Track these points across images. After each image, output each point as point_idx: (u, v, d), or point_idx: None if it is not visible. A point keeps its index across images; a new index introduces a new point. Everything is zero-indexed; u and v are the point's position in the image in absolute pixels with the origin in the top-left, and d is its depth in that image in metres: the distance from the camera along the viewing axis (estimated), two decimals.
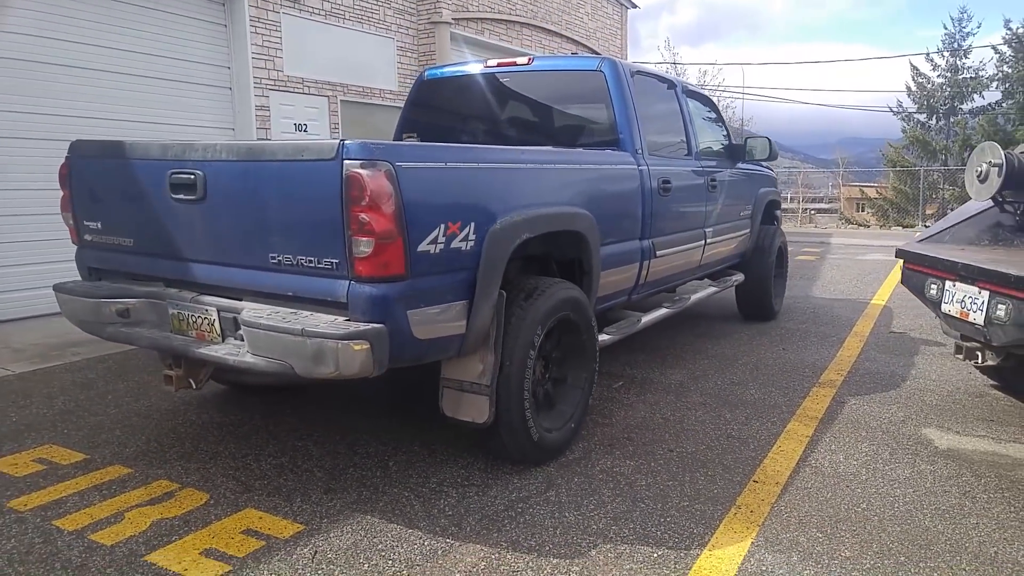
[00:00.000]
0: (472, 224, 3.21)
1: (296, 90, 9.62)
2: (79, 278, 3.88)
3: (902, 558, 2.94)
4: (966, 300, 3.76)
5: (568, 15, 15.25)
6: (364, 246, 2.83)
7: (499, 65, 5.27)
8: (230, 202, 3.17)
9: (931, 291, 4.09)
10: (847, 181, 33.71)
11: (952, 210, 24.75)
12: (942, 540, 3.09)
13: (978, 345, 3.82)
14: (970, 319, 3.73)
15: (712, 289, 6.29)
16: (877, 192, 32.24)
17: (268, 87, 9.23)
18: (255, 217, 3.11)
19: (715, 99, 12.80)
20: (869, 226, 25.97)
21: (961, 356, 3.91)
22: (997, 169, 4.33)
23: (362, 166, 2.79)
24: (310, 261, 2.97)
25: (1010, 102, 27.53)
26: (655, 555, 2.93)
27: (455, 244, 3.12)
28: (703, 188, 5.70)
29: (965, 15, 28.95)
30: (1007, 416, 4.68)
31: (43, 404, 4.63)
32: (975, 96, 28.27)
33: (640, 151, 4.77)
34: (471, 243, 3.20)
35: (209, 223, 3.25)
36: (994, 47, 28.40)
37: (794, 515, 3.28)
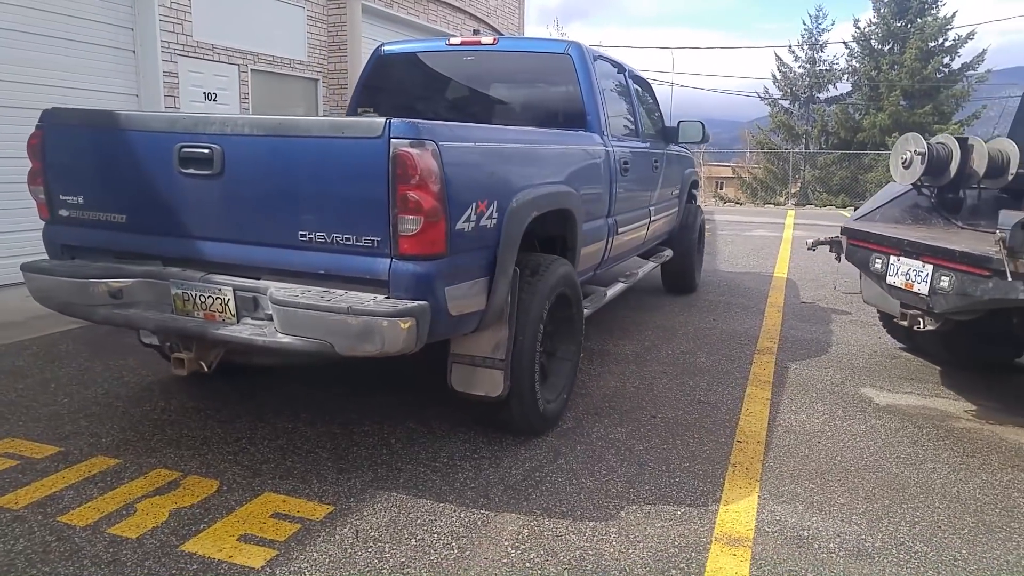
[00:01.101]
0: (496, 202, 3.25)
1: (206, 57, 9.07)
2: (46, 256, 3.58)
3: (886, 501, 3.30)
4: (911, 273, 4.20)
5: None
6: (411, 224, 2.82)
7: (463, 43, 5.26)
8: (253, 178, 3.04)
9: (875, 265, 4.53)
10: (705, 161, 35.62)
11: (812, 191, 26.59)
12: (912, 484, 3.49)
13: (919, 312, 4.28)
14: (915, 289, 4.17)
15: (652, 264, 6.60)
16: (733, 172, 34.26)
17: (176, 52, 8.64)
18: (283, 194, 3.01)
19: None
20: (743, 204, 27.66)
21: (905, 323, 4.37)
22: (920, 157, 4.82)
23: (411, 145, 2.78)
24: (347, 239, 2.92)
25: (858, 94, 30.03)
26: (679, 512, 3.14)
27: (483, 222, 3.16)
28: (650, 168, 5.96)
29: (821, 12, 31.23)
30: (922, 374, 5.27)
31: None
32: (830, 87, 30.63)
33: (605, 132, 4.93)
34: (493, 221, 3.25)
35: (225, 199, 3.10)
36: (845, 43, 30.86)
37: (784, 470, 3.59)
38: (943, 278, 3.94)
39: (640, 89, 6.31)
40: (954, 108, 29.38)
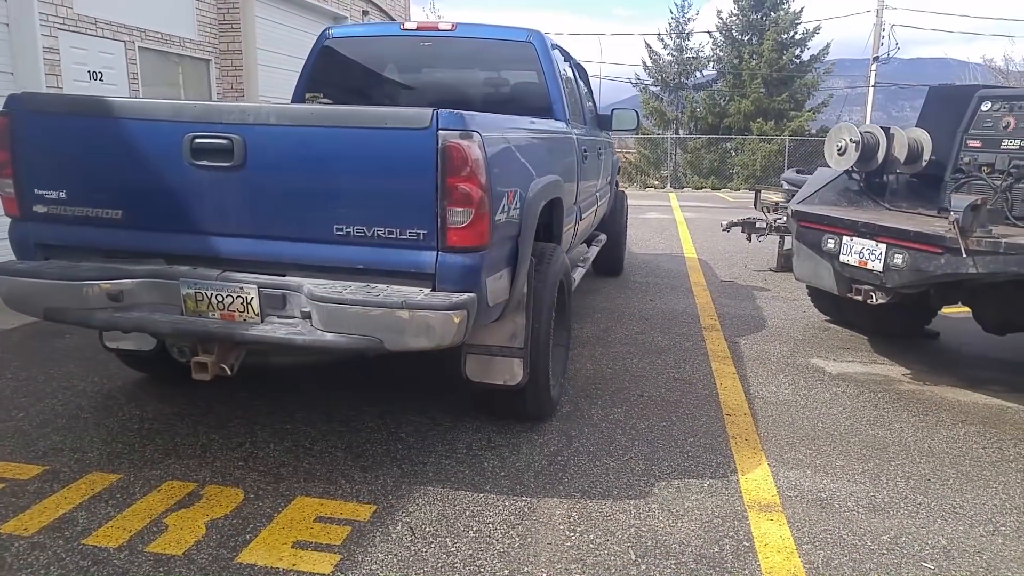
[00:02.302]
0: (519, 192, 3.27)
1: (89, 32, 8.32)
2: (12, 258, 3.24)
3: (876, 460, 3.62)
4: (864, 252, 4.58)
5: None
6: (460, 216, 2.78)
7: (419, 28, 5.16)
8: (281, 170, 2.88)
9: (828, 245, 4.89)
10: None
11: (684, 175, 27.81)
12: (890, 444, 3.84)
13: (871, 287, 4.67)
14: (868, 267, 4.55)
15: (595, 248, 6.78)
16: None
17: (57, 26, 7.87)
18: (316, 187, 2.87)
19: None
20: (624, 188, 28.60)
21: (860, 297, 4.76)
22: (855, 145, 5.24)
23: (461, 136, 2.74)
24: (389, 232, 2.84)
25: (723, 81, 31.78)
26: (705, 485, 3.30)
27: (511, 212, 3.17)
28: (597, 155, 6.10)
29: (686, 2, 32.74)
30: (854, 344, 5.76)
31: None
32: (697, 74, 32.21)
33: (569, 121, 5.02)
34: (517, 211, 3.26)
35: (246, 193, 2.92)
36: (709, 33, 32.52)
37: (779, 439, 3.84)
38: (896, 256, 4.33)
39: (579, 76, 6.44)
40: (806, 96, 31.72)
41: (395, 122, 2.79)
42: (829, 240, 4.86)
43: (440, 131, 2.73)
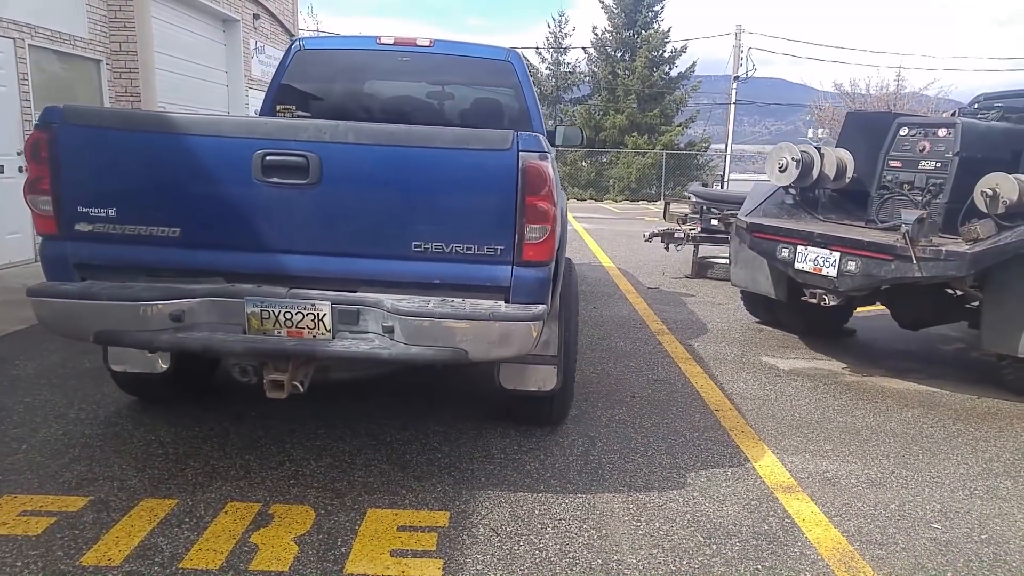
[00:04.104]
0: (559, 207, 3.48)
1: None
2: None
3: (857, 443, 4.10)
4: (818, 259, 5.13)
5: None
6: (537, 232, 2.97)
7: (396, 43, 5.24)
8: (358, 188, 2.94)
9: (783, 254, 5.42)
10: None
11: (564, 187, 28.69)
12: (862, 428, 4.35)
13: (824, 291, 5.23)
14: (823, 272, 5.11)
15: None
16: None
17: None
18: (395, 205, 2.96)
19: None
20: None
21: (814, 300, 5.31)
22: (796, 163, 5.84)
23: (539, 157, 2.93)
24: (467, 248, 2.97)
25: (598, 96, 33.20)
26: (728, 472, 3.65)
27: (558, 228, 3.38)
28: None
29: (564, 17, 33.95)
30: (791, 342, 6.37)
31: None
32: (574, 88, 33.42)
33: (544, 135, 5.28)
34: (559, 226, 3.47)
35: (320, 210, 2.95)
36: (584, 48, 33.88)
37: (769, 429, 4.27)
38: (850, 263, 4.90)
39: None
40: (675, 111, 33.72)
41: (477, 143, 2.93)
42: (783, 249, 5.39)
43: (521, 152, 2.91)
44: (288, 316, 2.98)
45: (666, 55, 32.86)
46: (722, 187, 22.79)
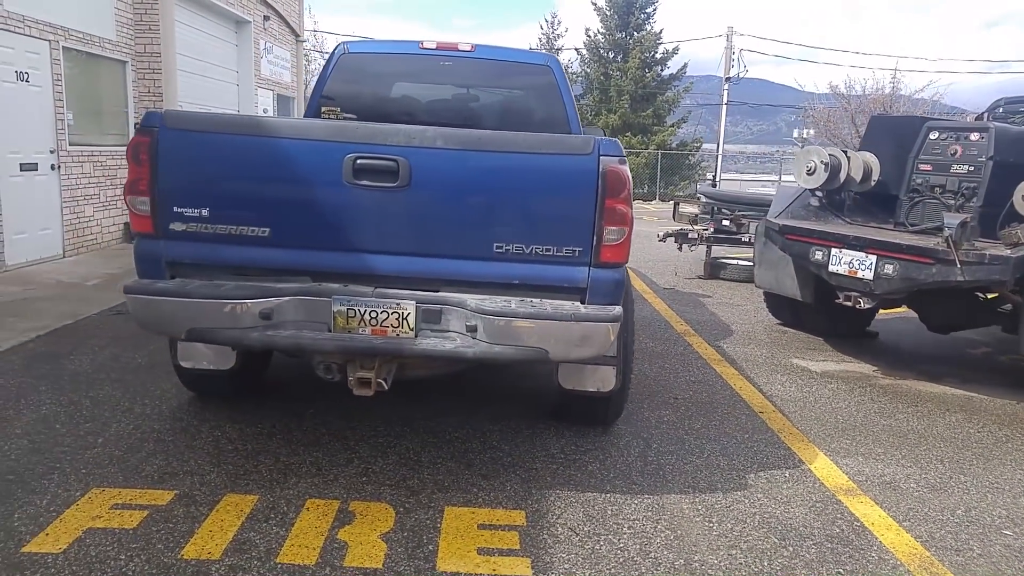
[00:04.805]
0: None
1: (18, 30, 7.67)
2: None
3: (907, 447, 4.18)
4: (854, 262, 5.22)
5: None
6: (615, 234, 3.03)
7: (438, 48, 5.28)
8: (445, 191, 2.99)
9: (816, 256, 5.50)
10: None
11: None
12: (907, 431, 4.43)
13: (858, 294, 5.32)
14: (858, 275, 5.20)
15: None
16: None
17: None
18: (479, 208, 3.01)
19: None
20: None
21: (849, 303, 5.39)
22: (824, 166, 5.92)
23: (619, 162, 2.99)
24: (547, 250, 3.03)
25: (590, 96, 33.31)
26: (786, 474, 3.72)
27: None
28: None
29: (556, 18, 34.06)
30: (816, 344, 6.46)
31: None
32: None
33: None
34: None
35: (408, 212, 3.00)
36: (577, 49, 34.00)
37: (817, 431, 4.34)
38: (887, 266, 4.99)
39: None
40: (667, 112, 33.91)
41: (560, 148, 2.99)
42: (817, 252, 5.48)
43: (601, 156, 2.97)
44: (373, 315, 3.03)
45: (658, 56, 33.04)
46: (713, 187, 22.93)
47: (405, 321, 3.03)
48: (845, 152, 6.09)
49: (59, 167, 8.43)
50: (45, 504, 2.97)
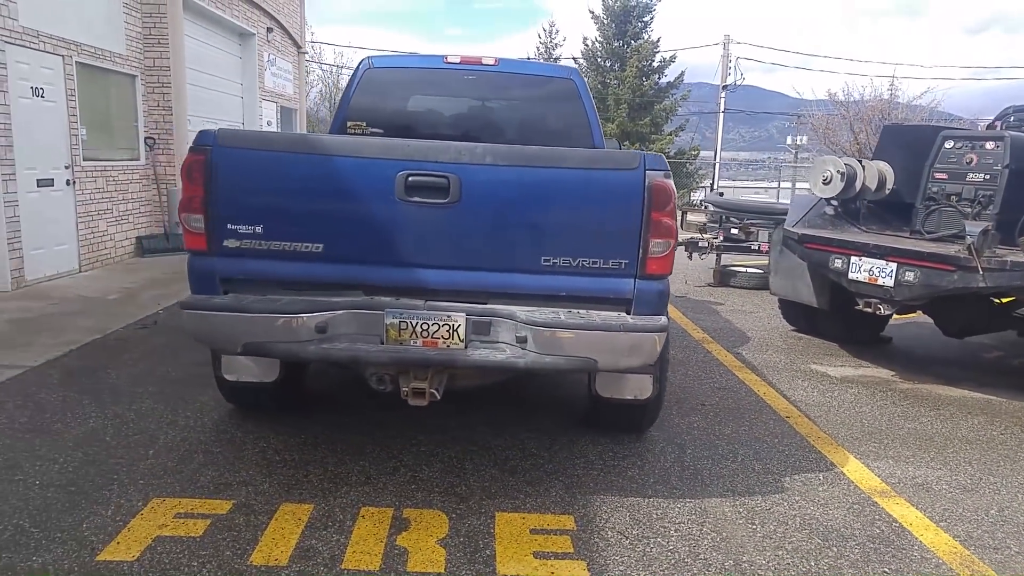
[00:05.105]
0: None
1: (32, 46, 7.75)
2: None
3: (934, 450, 4.26)
4: (874, 269, 5.33)
5: None
6: (660, 247, 3.12)
7: (462, 62, 5.37)
8: (494, 206, 3.08)
9: (836, 264, 5.61)
10: None
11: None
12: (933, 435, 4.52)
13: (878, 300, 5.43)
14: (879, 283, 5.30)
15: None
16: None
17: (4, 39, 7.31)
18: (528, 222, 3.10)
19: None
20: None
21: (870, 309, 5.50)
22: (840, 175, 6.04)
23: (665, 176, 3.08)
24: (594, 262, 3.12)
25: None
26: (820, 477, 3.81)
27: None
28: None
29: (554, 28, 34.32)
30: (832, 350, 6.56)
31: (50, 461, 3.54)
32: None
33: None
34: None
35: (458, 227, 3.09)
36: (575, 58, 34.21)
37: (844, 435, 4.43)
38: (908, 273, 5.10)
39: None
40: (665, 120, 34.10)
41: (607, 163, 3.09)
42: (836, 260, 5.58)
43: (647, 171, 3.06)
44: (425, 327, 3.11)
45: (655, 65, 33.27)
46: (720, 195, 23.04)
47: (455, 333, 3.12)
48: (860, 161, 6.20)
49: (74, 182, 8.49)
50: (110, 514, 3.04)
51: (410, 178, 3.03)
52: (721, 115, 35.21)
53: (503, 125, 5.63)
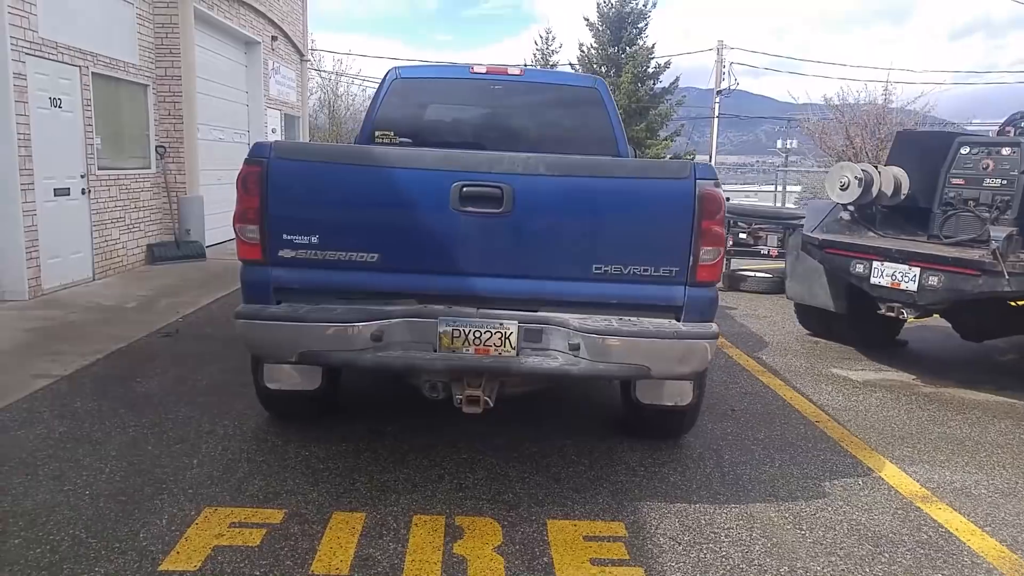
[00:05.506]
0: None
1: (51, 56, 7.76)
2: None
3: (967, 454, 4.30)
4: (896, 274, 5.38)
5: None
6: (710, 254, 3.16)
7: (488, 72, 5.41)
8: (547, 216, 3.11)
9: (857, 269, 5.66)
10: None
11: None
12: (964, 439, 4.56)
13: (901, 305, 5.48)
14: (901, 287, 5.36)
15: None
16: None
17: (25, 51, 7.30)
18: (579, 231, 3.13)
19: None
20: None
21: (892, 314, 5.55)
22: (858, 181, 6.09)
23: (715, 185, 3.12)
24: (645, 270, 3.15)
25: None
26: (859, 482, 3.84)
27: None
28: None
29: (550, 34, 34.48)
30: (850, 354, 6.61)
31: (85, 472, 3.54)
32: None
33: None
34: None
35: (511, 236, 3.12)
36: (571, 64, 34.35)
37: (876, 440, 4.47)
38: (931, 278, 5.15)
39: None
40: (660, 125, 34.24)
41: (658, 173, 3.13)
42: (858, 265, 5.63)
43: (698, 180, 3.10)
44: (477, 335, 3.14)
45: (650, 71, 33.43)
46: (727, 200, 23.11)
47: (507, 340, 3.14)
48: (876, 167, 6.26)
49: (89, 191, 8.49)
50: (165, 523, 3.05)
51: (464, 188, 3.06)
52: (716, 120, 35.42)
53: (530, 134, 5.66)
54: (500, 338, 3.14)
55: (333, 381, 4.22)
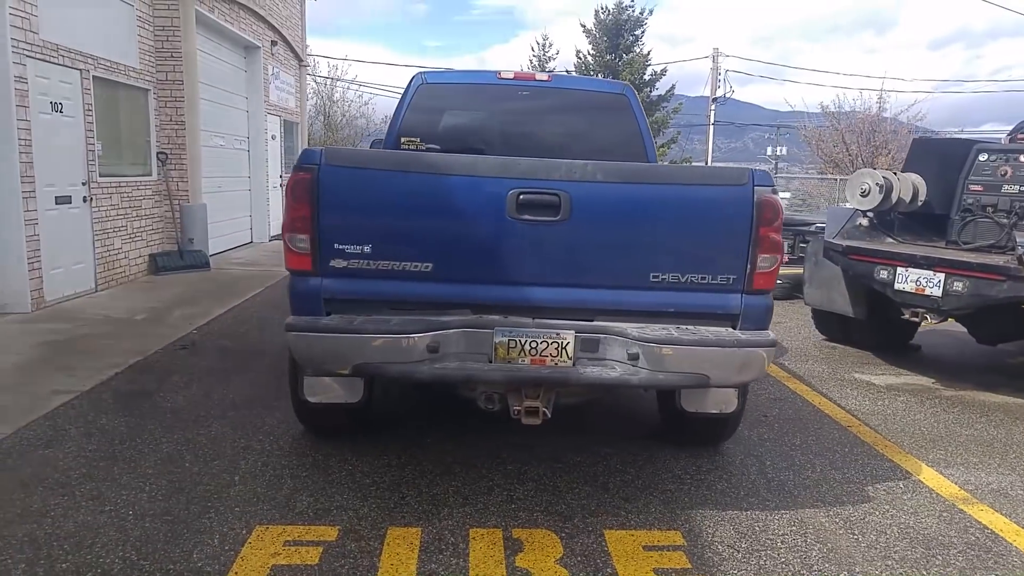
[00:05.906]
0: None
1: (52, 60, 7.64)
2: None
3: (998, 456, 4.34)
4: (921, 280, 5.42)
5: (271, 1, 14.46)
6: (767, 262, 3.15)
7: (516, 78, 5.39)
8: (604, 223, 3.09)
9: (881, 275, 5.69)
10: None
11: None
12: (992, 441, 4.60)
13: (925, 310, 5.52)
14: (926, 293, 5.40)
15: None
16: None
17: (26, 53, 7.19)
18: (637, 238, 3.11)
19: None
20: None
21: (916, 319, 5.59)
22: (879, 188, 6.14)
23: (772, 191, 3.12)
24: (702, 278, 3.14)
25: None
26: (900, 485, 3.85)
27: None
28: None
29: (547, 40, 34.59)
30: (869, 359, 6.65)
31: (124, 495, 3.48)
32: None
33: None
34: None
35: (567, 244, 3.10)
36: (568, 71, 34.44)
37: (909, 443, 4.49)
38: (956, 283, 5.19)
39: None
40: (657, 132, 34.39)
41: (716, 180, 3.12)
42: (882, 271, 5.67)
43: (756, 187, 3.10)
44: (533, 345, 3.11)
45: (647, 78, 33.58)
46: None
47: (564, 351, 3.12)
48: (895, 173, 6.31)
49: (90, 199, 8.36)
50: (217, 543, 2.99)
51: (521, 196, 3.04)
52: (711, 127, 35.65)
53: (559, 140, 5.63)
54: (557, 348, 3.12)
55: (372, 394, 4.18)
